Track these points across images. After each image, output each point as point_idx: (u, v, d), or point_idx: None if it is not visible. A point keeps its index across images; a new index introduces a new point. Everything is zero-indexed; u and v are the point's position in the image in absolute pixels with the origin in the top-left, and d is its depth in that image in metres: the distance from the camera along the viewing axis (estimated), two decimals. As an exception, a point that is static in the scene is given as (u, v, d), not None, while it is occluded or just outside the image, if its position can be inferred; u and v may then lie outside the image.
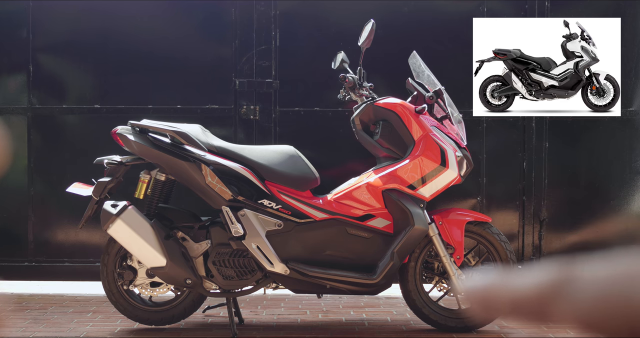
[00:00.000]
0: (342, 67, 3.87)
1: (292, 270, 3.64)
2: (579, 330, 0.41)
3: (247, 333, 3.78)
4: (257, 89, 4.78)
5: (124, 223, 3.59)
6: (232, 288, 3.72)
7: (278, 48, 4.78)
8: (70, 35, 4.82)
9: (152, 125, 3.68)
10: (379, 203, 3.70)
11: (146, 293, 3.82)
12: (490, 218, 3.87)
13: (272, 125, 4.78)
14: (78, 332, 3.81)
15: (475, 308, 0.48)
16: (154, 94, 4.79)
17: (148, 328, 3.87)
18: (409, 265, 3.80)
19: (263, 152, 3.77)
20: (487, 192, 4.79)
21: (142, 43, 4.80)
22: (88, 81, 4.84)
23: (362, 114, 3.80)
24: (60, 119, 4.83)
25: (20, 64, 4.81)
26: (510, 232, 4.77)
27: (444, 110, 3.78)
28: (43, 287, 4.92)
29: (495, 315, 0.48)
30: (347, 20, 4.73)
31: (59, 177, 4.72)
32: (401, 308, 4.30)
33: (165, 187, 3.76)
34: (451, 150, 3.71)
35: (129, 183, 3.93)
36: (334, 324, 3.99)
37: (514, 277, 0.46)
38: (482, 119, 4.77)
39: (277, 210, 3.68)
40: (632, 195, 4.81)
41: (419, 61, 3.95)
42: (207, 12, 4.80)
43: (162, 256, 3.60)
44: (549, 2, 4.77)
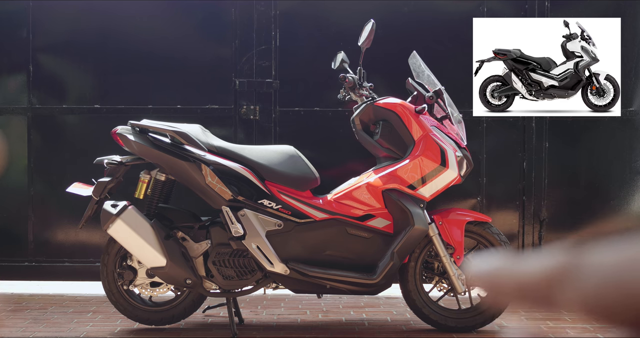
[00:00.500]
0: (342, 67, 3.87)
1: (292, 270, 3.64)
2: (585, 316, 0.41)
3: (247, 333, 3.78)
4: (257, 89, 4.78)
5: (124, 223, 3.59)
6: (232, 288, 3.72)
7: (278, 48, 4.78)
8: (70, 35, 4.82)
9: (152, 125, 3.68)
10: (379, 203, 3.70)
11: (146, 293, 3.82)
12: (490, 218, 3.87)
13: (272, 125, 4.78)
14: (78, 332, 3.81)
15: (487, 295, 0.48)
16: (154, 94, 4.79)
17: (148, 328, 3.87)
18: (409, 265, 3.80)
19: (263, 152, 3.77)
20: (487, 192, 4.79)
21: (142, 43, 4.80)
22: (88, 81, 4.84)
23: (362, 114, 3.80)
24: (60, 119, 4.83)
25: (20, 64, 4.81)
26: (510, 232, 4.77)
27: (444, 110, 3.78)
28: (43, 287, 4.92)
29: (506, 301, 0.47)
30: (347, 20, 4.73)
31: (59, 177, 4.72)
32: (401, 308, 4.30)
33: (165, 187, 3.76)
34: (451, 150, 3.71)
35: (129, 184, 3.93)
36: (334, 324, 3.99)
37: (521, 261, 0.46)
38: (482, 119, 4.77)
39: (277, 210, 3.68)
40: (632, 195, 4.81)
41: (419, 61, 3.94)
42: (206, 12, 4.80)
43: (162, 256, 3.60)
44: (549, 2, 4.76)
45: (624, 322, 0.38)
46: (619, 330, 0.39)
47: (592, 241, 0.44)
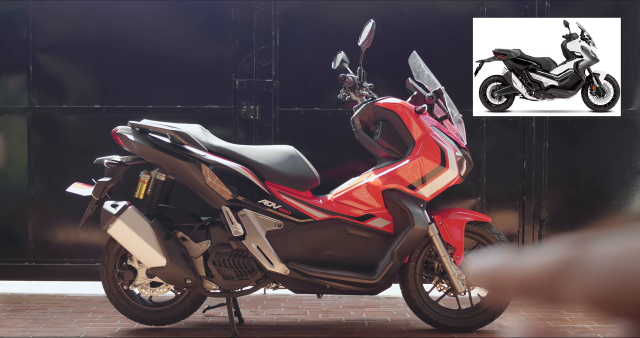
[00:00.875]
0: (342, 67, 3.87)
1: (292, 270, 3.64)
2: (588, 309, 0.40)
3: (247, 333, 3.78)
4: (257, 89, 4.78)
5: (124, 223, 3.59)
6: (232, 288, 3.72)
7: (278, 48, 4.78)
8: (70, 35, 4.82)
9: (152, 125, 3.68)
10: (379, 203, 3.70)
11: (146, 293, 3.82)
12: (490, 218, 3.87)
13: (272, 125, 4.78)
14: (78, 332, 3.80)
15: (488, 292, 0.46)
16: (154, 94, 4.79)
17: (148, 328, 3.87)
18: (409, 265, 3.80)
19: (263, 152, 3.77)
20: (487, 192, 4.79)
21: (142, 43, 4.80)
22: (88, 81, 4.84)
23: (362, 114, 3.80)
24: (60, 119, 4.83)
25: (20, 64, 4.81)
26: (510, 232, 4.77)
27: (444, 110, 3.78)
28: (43, 287, 4.92)
29: (508, 297, 0.46)
30: (347, 20, 4.73)
31: (59, 177, 4.72)
32: (401, 308, 4.30)
33: (165, 187, 3.76)
34: (451, 150, 3.71)
35: (129, 183, 3.93)
36: (334, 324, 3.99)
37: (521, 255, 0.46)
38: (482, 119, 4.77)
39: (277, 210, 3.68)
40: (632, 195, 4.81)
41: (419, 61, 3.95)
42: (207, 12, 4.80)
43: (162, 256, 3.60)
44: (549, 2, 4.77)
45: (629, 314, 0.38)
46: (622, 323, 0.39)
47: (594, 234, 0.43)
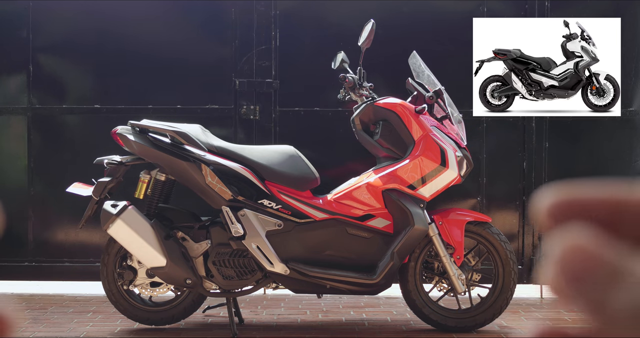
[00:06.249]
0: (342, 67, 3.87)
1: (292, 270, 3.64)
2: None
3: (247, 333, 3.78)
4: (257, 89, 4.78)
5: (124, 223, 3.59)
6: (232, 288, 3.72)
7: (278, 48, 4.78)
8: (71, 35, 4.82)
9: (152, 125, 3.68)
10: (379, 203, 3.70)
11: (146, 293, 3.82)
12: (490, 218, 3.87)
13: (272, 125, 4.78)
14: (78, 332, 3.80)
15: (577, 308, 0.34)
16: (154, 94, 4.79)
17: (148, 328, 3.87)
18: (409, 265, 3.80)
19: (263, 152, 3.77)
20: (487, 192, 4.79)
21: (142, 43, 4.80)
22: (88, 81, 4.84)
23: (362, 114, 3.80)
24: (60, 119, 4.83)
25: (20, 64, 4.81)
26: (510, 232, 4.76)
27: (444, 110, 3.79)
28: (43, 287, 4.92)
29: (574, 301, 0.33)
30: (347, 20, 4.73)
31: (59, 177, 4.72)
32: (401, 308, 4.30)
33: (165, 187, 3.76)
34: (451, 150, 3.71)
35: (129, 183, 3.93)
36: (334, 324, 3.99)
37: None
38: (482, 119, 4.77)
39: (277, 210, 3.68)
40: (632, 195, 4.80)
41: (419, 61, 3.95)
42: (207, 12, 4.80)
43: (162, 256, 3.60)
44: (549, 2, 4.77)
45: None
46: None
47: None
